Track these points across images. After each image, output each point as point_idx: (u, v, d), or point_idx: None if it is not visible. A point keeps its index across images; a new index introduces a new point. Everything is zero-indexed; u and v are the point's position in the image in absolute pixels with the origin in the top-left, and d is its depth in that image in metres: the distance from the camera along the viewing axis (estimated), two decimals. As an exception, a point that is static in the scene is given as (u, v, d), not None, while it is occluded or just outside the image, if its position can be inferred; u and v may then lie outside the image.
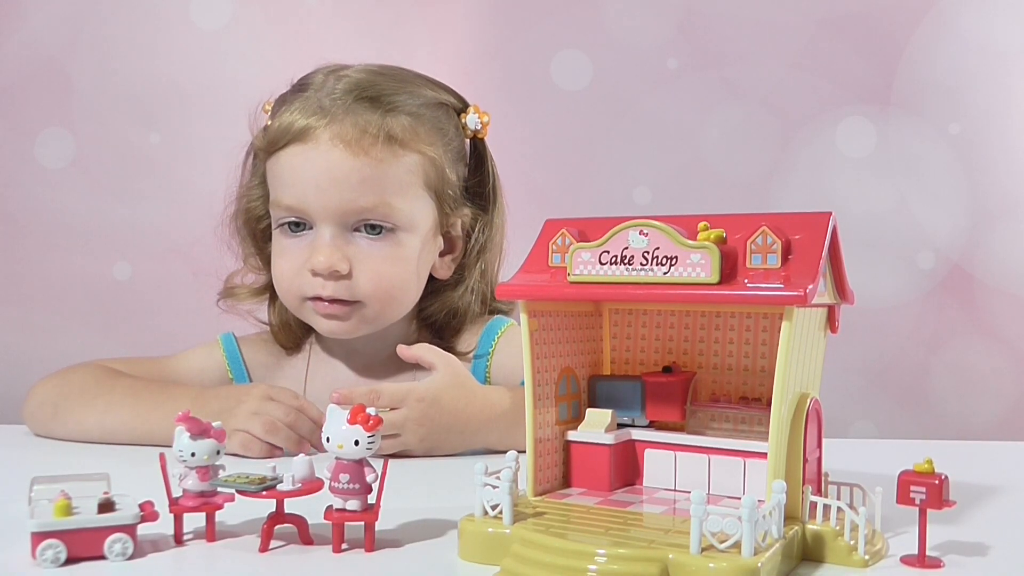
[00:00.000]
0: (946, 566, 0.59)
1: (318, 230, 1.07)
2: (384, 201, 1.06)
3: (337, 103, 1.05)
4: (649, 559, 0.53)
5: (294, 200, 1.07)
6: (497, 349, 1.15)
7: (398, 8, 1.70)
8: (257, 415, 0.98)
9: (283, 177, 1.07)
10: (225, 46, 1.66)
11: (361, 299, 1.08)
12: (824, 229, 0.61)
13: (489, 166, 1.19)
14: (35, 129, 1.64)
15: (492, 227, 1.18)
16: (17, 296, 1.65)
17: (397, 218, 1.07)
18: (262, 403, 0.99)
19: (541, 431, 0.68)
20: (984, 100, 1.75)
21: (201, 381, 1.17)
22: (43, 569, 0.58)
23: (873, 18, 1.72)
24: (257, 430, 0.96)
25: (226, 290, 1.20)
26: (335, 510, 0.62)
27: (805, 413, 0.62)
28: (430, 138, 1.09)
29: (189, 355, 1.22)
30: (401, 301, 1.12)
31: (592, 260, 0.64)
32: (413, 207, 1.08)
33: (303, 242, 1.08)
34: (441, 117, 1.12)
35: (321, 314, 1.09)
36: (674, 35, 1.73)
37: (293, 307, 1.12)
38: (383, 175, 1.05)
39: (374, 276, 1.07)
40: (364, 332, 1.11)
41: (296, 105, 1.07)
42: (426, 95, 1.12)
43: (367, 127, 1.04)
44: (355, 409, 0.61)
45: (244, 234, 1.18)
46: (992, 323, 1.76)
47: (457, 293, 1.16)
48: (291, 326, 1.19)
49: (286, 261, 1.10)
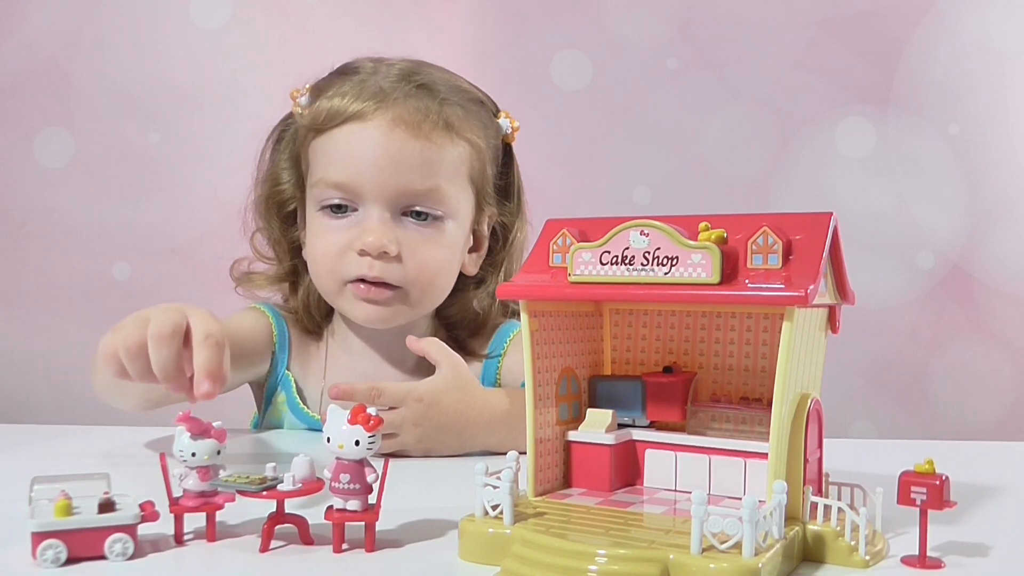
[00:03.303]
0: (947, 567, 0.59)
1: (366, 211, 1.05)
2: (438, 186, 1.06)
3: (396, 87, 1.06)
4: (650, 559, 0.53)
5: (347, 177, 1.05)
6: (508, 352, 1.16)
7: (398, 8, 1.70)
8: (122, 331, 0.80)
9: (336, 155, 1.06)
10: (225, 46, 1.67)
11: (404, 284, 1.07)
12: (825, 229, 0.61)
13: (515, 172, 1.19)
14: (35, 129, 1.64)
15: (517, 231, 1.18)
16: (17, 296, 1.65)
17: (446, 205, 1.07)
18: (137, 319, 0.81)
19: (542, 431, 0.68)
20: (984, 100, 1.75)
21: (254, 339, 1.13)
22: (43, 569, 0.57)
23: (873, 18, 1.72)
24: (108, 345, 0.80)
25: (243, 277, 1.18)
26: (335, 510, 0.62)
27: (806, 413, 0.61)
28: (477, 131, 1.10)
29: (237, 318, 1.16)
30: (439, 289, 1.12)
31: (593, 260, 0.64)
32: (459, 196, 1.09)
33: (348, 223, 1.06)
34: (483, 114, 1.13)
35: (362, 297, 1.07)
36: (674, 35, 1.73)
37: (331, 291, 1.10)
38: (441, 160, 1.06)
39: (420, 262, 1.07)
40: (399, 322, 1.10)
41: (349, 87, 1.06)
42: (470, 91, 1.13)
43: (428, 112, 1.05)
44: (356, 409, 0.61)
45: (269, 219, 1.16)
46: (992, 323, 1.76)
47: (479, 295, 1.16)
48: (311, 311, 1.17)
49: (328, 242, 1.07)
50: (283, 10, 1.69)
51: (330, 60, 1.15)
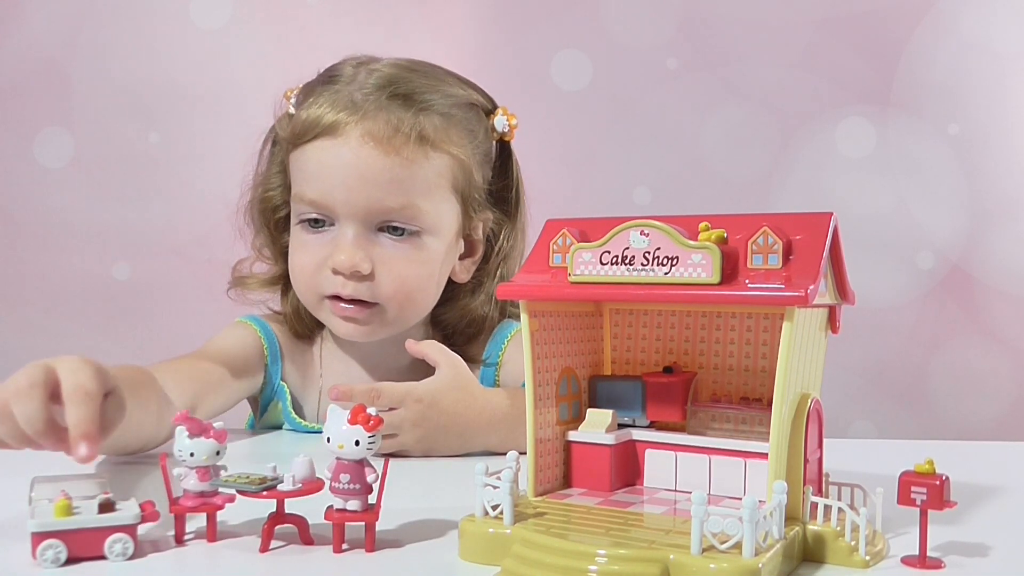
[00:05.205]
0: (947, 567, 0.59)
1: (341, 228, 1.04)
2: (412, 203, 1.03)
3: (369, 99, 1.02)
4: (650, 560, 0.53)
5: (319, 195, 1.03)
6: (506, 356, 1.15)
7: (398, 8, 1.70)
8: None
9: (309, 171, 1.04)
10: (225, 46, 1.67)
11: (380, 301, 1.05)
12: (825, 229, 0.61)
13: (514, 170, 1.16)
14: (34, 129, 1.64)
15: (515, 233, 1.16)
16: (17, 296, 1.65)
17: (422, 221, 1.05)
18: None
19: (542, 431, 0.68)
20: (984, 100, 1.75)
21: (245, 356, 1.11)
22: (43, 569, 0.57)
23: (873, 18, 1.73)
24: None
25: (236, 279, 1.16)
26: (336, 510, 0.62)
27: (806, 413, 0.61)
28: (460, 140, 1.06)
29: (225, 335, 1.14)
30: (420, 305, 1.10)
31: (593, 260, 0.64)
32: (439, 210, 1.06)
33: (324, 238, 1.05)
34: (471, 118, 1.09)
35: (339, 316, 1.06)
36: (674, 35, 1.73)
37: (311, 304, 1.09)
38: (412, 176, 1.03)
39: (396, 278, 1.05)
40: (380, 336, 1.08)
41: (325, 98, 1.04)
42: (457, 94, 1.09)
43: (399, 125, 1.01)
44: (356, 409, 0.61)
45: (260, 224, 1.14)
46: (991, 323, 1.76)
47: (476, 300, 1.14)
48: (302, 316, 1.16)
49: (306, 257, 1.06)
50: (283, 10, 1.69)
51: (330, 60, 1.14)
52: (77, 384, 0.65)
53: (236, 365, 1.09)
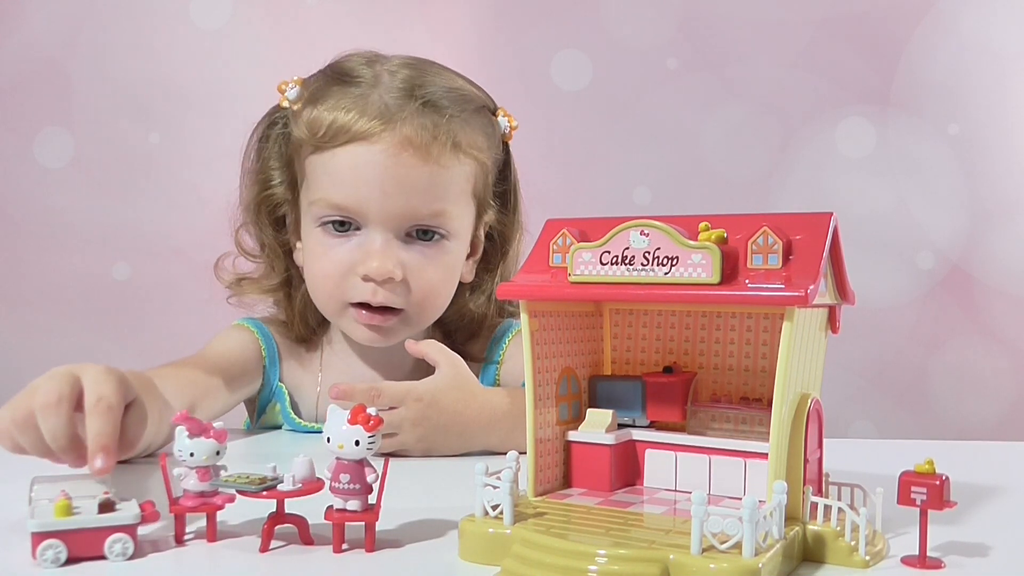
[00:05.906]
0: (947, 567, 0.59)
1: (369, 233, 1.01)
2: (444, 208, 1.02)
3: (402, 104, 1.00)
4: (650, 560, 0.53)
5: (351, 201, 1.00)
6: (507, 355, 1.14)
7: (398, 8, 1.70)
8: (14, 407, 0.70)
9: (339, 176, 1.01)
10: (225, 46, 1.67)
11: (407, 308, 1.04)
12: (825, 229, 0.61)
13: (513, 172, 1.16)
14: (35, 129, 1.64)
15: (514, 232, 1.16)
16: (17, 296, 1.65)
17: (450, 225, 1.04)
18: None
19: (542, 431, 0.68)
20: (984, 100, 1.75)
21: (244, 361, 1.10)
22: (43, 569, 0.57)
23: (873, 18, 1.73)
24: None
25: (233, 286, 1.14)
26: (335, 510, 0.62)
27: (806, 413, 0.61)
28: (483, 144, 1.06)
29: (223, 339, 1.12)
30: (438, 308, 1.09)
31: (593, 260, 0.63)
32: (463, 214, 1.06)
33: (349, 243, 1.02)
34: (486, 122, 1.09)
35: (364, 323, 1.04)
36: (674, 35, 1.73)
37: (331, 311, 1.07)
38: (447, 182, 1.02)
39: (425, 284, 1.04)
40: (397, 340, 1.07)
41: (350, 101, 1.01)
42: (474, 97, 1.08)
43: (436, 132, 1.00)
44: (356, 409, 0.61)
45: (264, 222, 1.11)
46: (991, 323, 1.76)
47: (476, 299, 1.14)
48: (308, 321, 1.14)
49: (329, 265, 1.03)
50: (283, 10, 1.69)
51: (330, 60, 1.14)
52: (100, 396, 0.66)
53: (234, 371, 1.08)
